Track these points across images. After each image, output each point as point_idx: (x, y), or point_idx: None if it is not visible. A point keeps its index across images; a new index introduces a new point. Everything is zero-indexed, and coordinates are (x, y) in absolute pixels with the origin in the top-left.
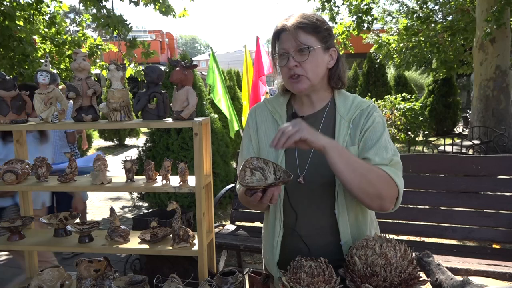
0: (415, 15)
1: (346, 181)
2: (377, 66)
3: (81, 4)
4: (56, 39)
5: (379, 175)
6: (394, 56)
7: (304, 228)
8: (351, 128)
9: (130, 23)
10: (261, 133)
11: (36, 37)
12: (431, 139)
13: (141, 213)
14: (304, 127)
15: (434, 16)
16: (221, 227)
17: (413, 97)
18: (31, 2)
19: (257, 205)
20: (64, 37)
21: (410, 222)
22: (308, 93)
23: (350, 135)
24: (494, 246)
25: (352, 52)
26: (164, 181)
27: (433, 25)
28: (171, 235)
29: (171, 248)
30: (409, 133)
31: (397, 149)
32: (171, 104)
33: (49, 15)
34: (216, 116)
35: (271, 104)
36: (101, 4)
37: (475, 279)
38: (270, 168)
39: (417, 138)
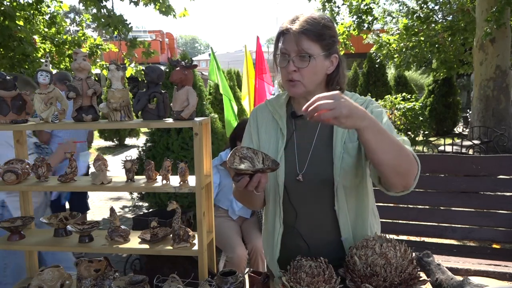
0: (415, 15)
1: (379, 161)
2: (377, 66)
3: (81, 4)
4: (56, 39)
5: (407, 154)
6: (395, 56)
7: (304, 226)
8: None
9: (130, 23)
10: (262, 133)
11: (36, 37)
12: (431, 139)
13: (141, 213)
14: (342, 111)
15: (434, 16)
16: None
17: (413, 97)
18: (31, 2)
19: (248, 198)
20: (64, 37)
21: (410, 222)
22: (304, 96)
23: (348, 132)
24: (494, 246)
25: (352, 52)
26: (164, 181)
27: (433, 25)
28: (171, 235)
29: (171, 248)
30: (409, 133)
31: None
32: (171, 104)
33: (49, 15)
34: (216, 116)
35: (271, 104)
36: (102, 4)
37: (475, 279)
38: (259, 157)
39: (417, 138)
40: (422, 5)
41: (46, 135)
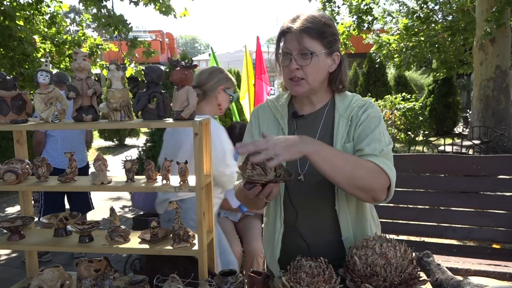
0: (415, 15)
1: (334, 181)
2: (377, 66)
3: (81, 4)
4: (56, 39)
5: (367, 168)
6: (395, 56)
7: (304, 226)
8: (349, 125)
9: (130, 23)
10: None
11: (36, 37)
12: (431, 139)
13: (141, 213)
14: (278, 148)
15: (434, 16)
16: None
17: (413, 97)
18: (31, 2)
19: (253, 202)
20: (64, 37)
21: (410, 222)
22: (307, 95)
23: (347, 133)
24: (494, 246)
25: (352, 52)
26: (164, 181)
27: (433, 25)
28: (171, 235)
29: (171, 248)
30: (409, 133)
31: (391, 140)
32: (171, 104)
33: (49, 15)
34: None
35: (273, 104)
36: (102, 4)
37: (475, 279)
38: None
39: (417, 138)
40: (422, 5)
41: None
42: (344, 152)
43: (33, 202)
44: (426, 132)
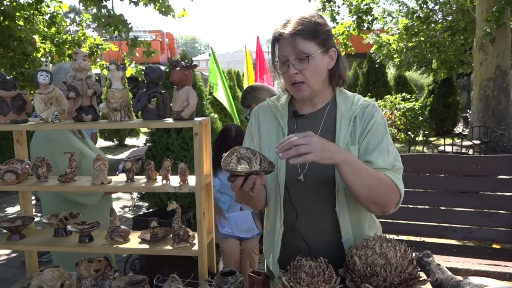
0: (415, 15)
1: (355, 193)
2: (377, 66)
3: (81, 4)
4: (56, 39)
5: (386, 185)
6: (395, 56)
7: (304, 226)
8: (351, 126)
9: (130, 23)
10: (263, 132)
11: (36, 36)
12: (431, 139)
13: (141, 213)
14: (316, 146)
15: (434, 16)
16: None
17: (413, 97)
18: (31, 2)
19: (251, 199)
20: (64, 36)
21: (410, 222)
22: (310, 98)
23: (350, 134)
24: (494, 246)
25: (352, 52)
26: (164, 181)
27: (433, 25)
28: (171, 235)
29: (171, 248)
30: (409, 133)
31: (397, 151)
32: (171, 104)
33: (49, 15)
34: (216, 116)
35: (273, 103)
36: (102, 4)
37: (475, 279)
38: (257, 158)
39: (417, 138)
40: (422, 5)
41: None
42: (368, 166)
43: (34, 201)
44: (426, 132)
